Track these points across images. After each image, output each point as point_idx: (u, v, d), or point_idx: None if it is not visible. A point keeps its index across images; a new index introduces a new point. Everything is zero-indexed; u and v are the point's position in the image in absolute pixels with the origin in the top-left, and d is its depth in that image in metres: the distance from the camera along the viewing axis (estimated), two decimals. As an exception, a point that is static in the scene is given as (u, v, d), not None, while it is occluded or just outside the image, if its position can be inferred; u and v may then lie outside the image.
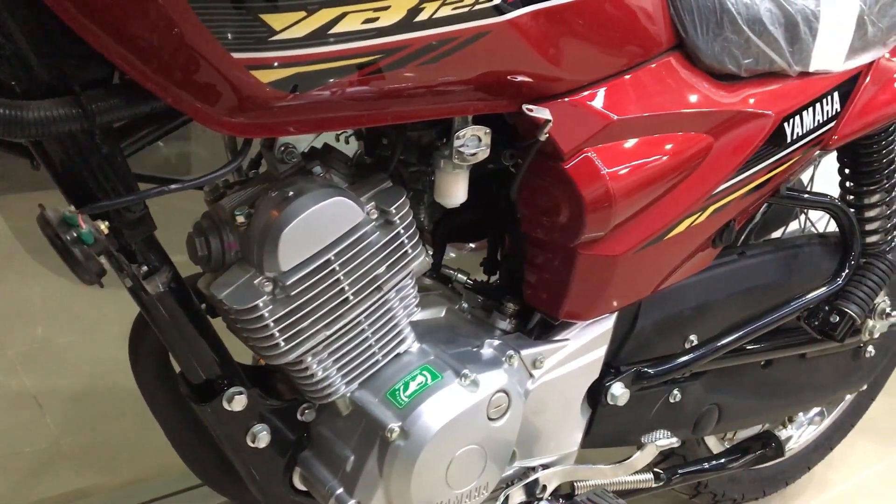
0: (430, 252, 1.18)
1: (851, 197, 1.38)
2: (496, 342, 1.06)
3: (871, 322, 1.45)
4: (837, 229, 1.39)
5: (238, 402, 0.95)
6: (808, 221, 1.55)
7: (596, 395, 1.16)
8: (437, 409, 0.96)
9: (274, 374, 1.04)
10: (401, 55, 0.80)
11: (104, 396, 1.94)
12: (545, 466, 1.14)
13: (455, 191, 0.97)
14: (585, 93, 0.96)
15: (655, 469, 1.26)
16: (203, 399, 0.95)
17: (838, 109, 1.20)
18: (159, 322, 0.90)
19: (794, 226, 1.56)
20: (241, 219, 0.88)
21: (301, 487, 1.05)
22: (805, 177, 1.55)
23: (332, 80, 0.77)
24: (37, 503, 1.59)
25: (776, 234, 1.55)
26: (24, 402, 1.92)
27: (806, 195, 1.34)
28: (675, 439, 1.15)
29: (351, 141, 1.09)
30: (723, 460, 1.35)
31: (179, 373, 0.98)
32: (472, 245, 1.47)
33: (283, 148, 0.90)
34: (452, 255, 1.28)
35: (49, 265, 2.41)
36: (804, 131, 1.15)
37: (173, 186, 0.78)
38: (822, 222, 1.57)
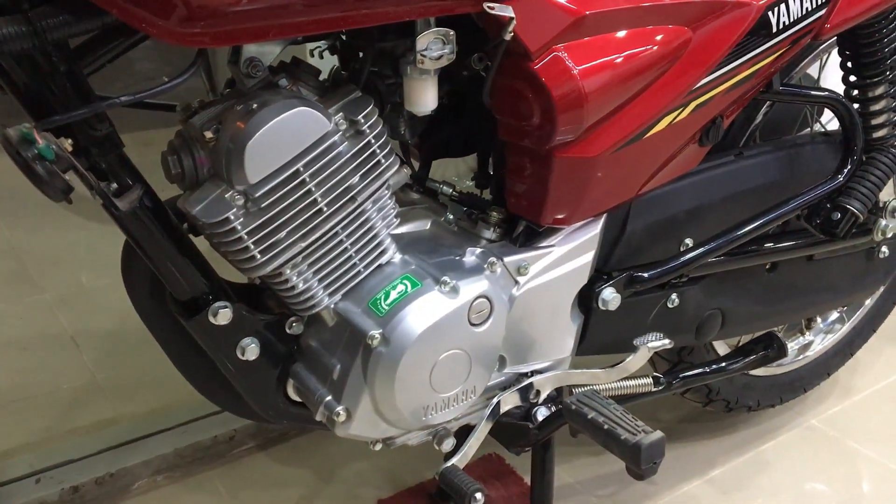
0: (413, 167, 1.19)
1: (856, 91, 1.33)
2: (478, 250, 1.07)
3: (882, 221, 1.41)
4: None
5: (223, 315, 0.97)
6: (817, 123, 1.50)
7: (587, 300, 1.16)
8: (417, 316, 0.98)
9: (263, 290, 1.07)
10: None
11: (137, 334, 1.98)
12: (538, 372, 1.16)
13: (424, 98, 0.97)
14: (551, -13, 0.94)
15: (654, 374, 1.26)
16: (190, 315, 0.98)
17: (829, -5, 1.15)
18: (139, 240, 0.92)
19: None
20: (209, 135, 0.89)
21: (295, 398, 1.08)
22: (815, 73, 1.50)
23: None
24: (72, 431, 1.67)
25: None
26: (62, 343, 2.00)
27: (802, 90, 1.30)
28: (666, 340, 1.15)
29: (326, 56, 1.09)
30: (723, 364, 1.34)
31: (168, 291, 1.01)
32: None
33: (248, 62, 0.91)
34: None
35: (82, 213, 2.49)
36: (791, 20, 1.11)
37: (123, 98, 0.79)
38: (834, 124, 1.52)
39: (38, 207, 2.54)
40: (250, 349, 1.00)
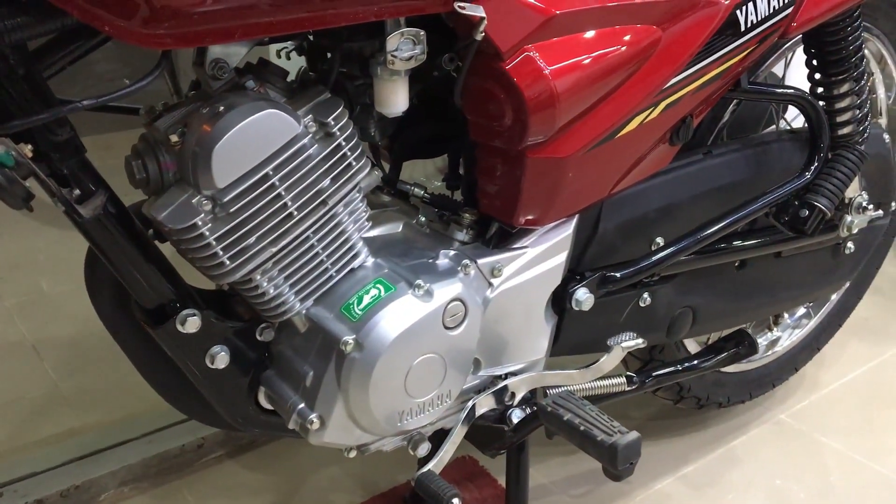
0: (383, 170, 1.17)
1: (821, 89, 1.34)
2: (452, 253, 1.06)
3: (848, 217, 1.43)
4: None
5: (191, 323, 0.95)
6: (782, 120, 1.52)
7: (561, 301, 1.15)
8: (391, 320, 0.96)
9: (232, 297, 1.05)
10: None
11: (100, 342, 1.96)
12: (513, 374, 1.15)
13: (394, 99, 0.96)
14: (522, -13, 0.93)
15: (628, 373, 1.26)
16: (157, 323, 0.95)
17: (796, -6, 1.16)
18: (102, 247, 0.90)
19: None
20: (174, 138, 0.87)
21: (267, 406, 1.06)
22: (779, 72, 1.51)
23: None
24: (35, 443, 1.63)
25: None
26: (22, 351, 1.95)
27: (769, 88, 1.31)
28: (640, 340, 1.15)
29: (293, 57, 1.07)
30: (696, 361, 1.35)
31: (133, 299, 0.98)
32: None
33: (214, 64, 0.89)
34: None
35: (40, 219, 2.43)
36: (759, 18, 1.12)
37: (86, 102, 0.76)
38: (799, 122, 1.54)
39: (-5, 213, 2.50)
40: (220, 357, 0.98)
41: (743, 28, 1.10)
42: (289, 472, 1.60)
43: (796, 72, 1.49)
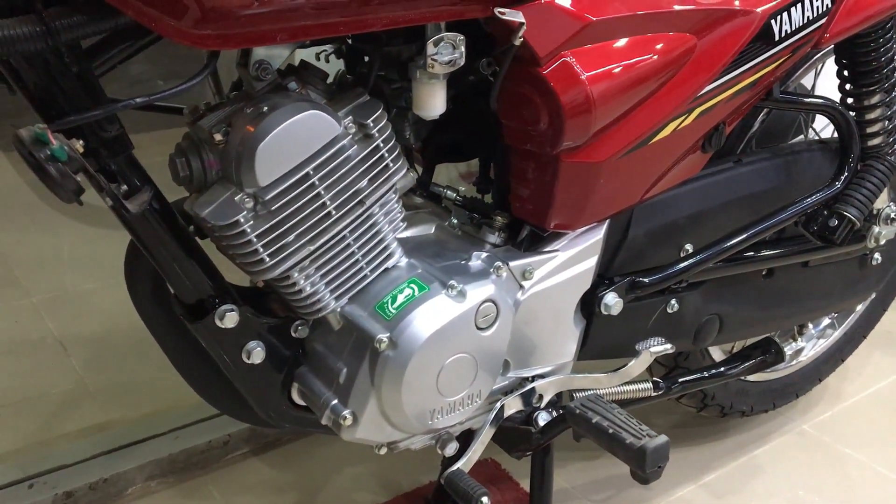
0: (418, 171, 1.19)
1: (851, 100, 1.35)
2: (484, 255, 1.07)
3: (876, 228, 1.43)
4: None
5: (230, 318, 0.97)
6: (811, 130, 1.52)
7: (590, 305, 1.16)
8: (425, 319, 0.98)
9: (267, 294, 1.06)
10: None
11: (126, 338, 1.99)
12: (541, 377, 1.16)
13: (432, 102, 0.97)
14: (560, -7, 0.95)
15: (654, 379, 1.26)
16: (196, 318, 0.97)
17: (829, 5, 1.16)
18: (146, 242, 0.92)
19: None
20: (218, 137, 0.89)
21: (300, 402, 1.08)
22: (808, 84, 1.51)
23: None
24: (64, 436, 1.65)
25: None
26: (50, 347, 1.98)
27: (801, 98, 1.31)
28: (668, 345, 1.16)
29: (332, 60, 1.09)
30: (722, 368, 1.35)
31: (173, 294, 1.00)
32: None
33: (257, 65, 0.91)
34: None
35: (70, 213, 2.47)
36: (793, 29, 1.12)
37: (139, 99, 0.78)
38: (828, 132, 1.54)
39: (22, 210, 2.53)
40: (256, 352, 1.00)
41: (777, 38, 1.11)
42: (313, 470, 1.62)
43: (823, 83, 1.50)
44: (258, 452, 1.66)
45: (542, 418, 1.17)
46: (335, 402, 1.01)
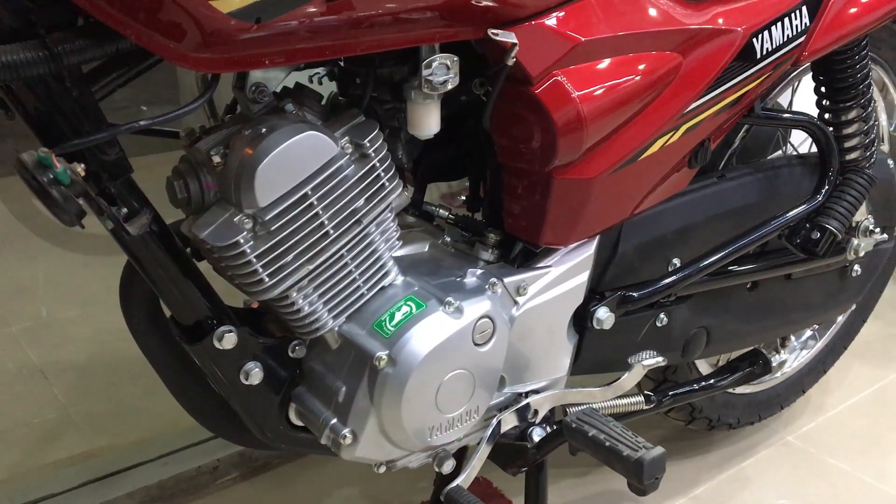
0: (412, 190, 1.20)
1: (829, 115, 1.39)
2: (479, 271, 1.08)
3: (855, 240, 1.47)
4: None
5: (228, 340, 0.97)
6: (789, 145, 1.56)
7: (582, 320, 1.18)
8: (423, 336, 0.99)
9: (263, 315, 1.07)
10: (364, -19, 0.81)
11: (109, 365, 1.98)
12: (535, 392, 1.17)
13: (427, 122, 0.99)
14: (551, 15, 0.97)
15: (646, 392, 1.28)
16: (194, 339, 0.97)
17: (807, 24, 1.20)
18: (145, 264, 0.92)
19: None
20: (217, 159, 0.90)
21: (298, 423, 1.07)
22: (785, 101, 1.55)
23: (295, 10, 0.78)
24: (50, 465, 1.63)
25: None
26: (30, 376, 1.95)
27: (781, 114, 1.35)
28: (660, 358, 1.17)
29: (325, 82, 1.10)
30: (712, 381, 1.37)
31: (170, 316, 1.00)
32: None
33: (254, 87, 0.92)
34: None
35: (56, 240, 2.45)
36: (774, 46, 1.16)
37: (142, 122, 0.79)
38: (804, 148, 1.58)
39: (1, 239, 2.50)
40: (254, 373, 1.00)
41: (759, 55, 1.14)
42: (303, 493, 1.61)
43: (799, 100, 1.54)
44: (248, 476, 1.65)
45: (537, 434, 1.17)
46: (334, 421, 1.01)
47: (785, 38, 1.17)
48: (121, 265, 1.01)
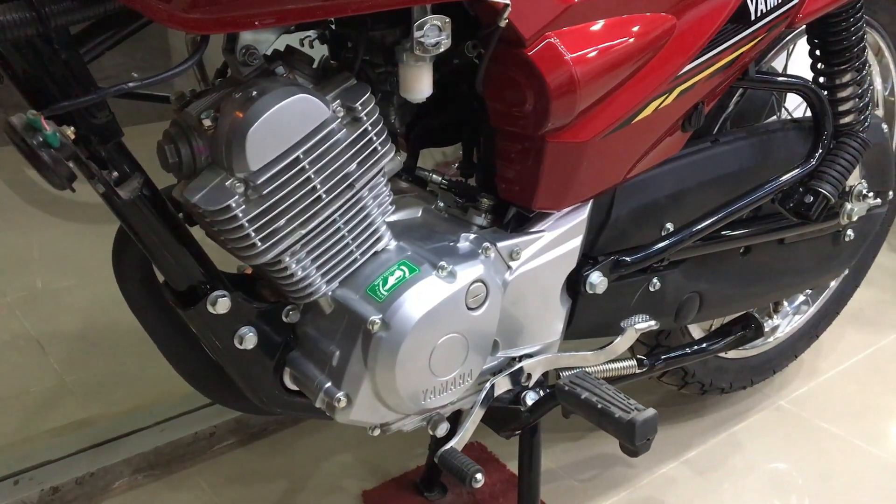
0: (405, 155, 1.19)
1: (823, 79, 1.38)
2: (472, 236, 1.08)
3: (848, 205, 1.47)
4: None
5: (222, 304, 0.97)
6: (783, 110, 1.55)
7: (575, 285, 1.18)
8: (416, 300, 0.99)
9: (257, 280, 1.07)
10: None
11: (104, 334, 1.99)
12: (529, 356, 1.17)
13: (419, 85, 0.98)
14: (544, -25, 0.96)
15: (638, 356, 1.29)
16: (188, 304, 0.97)
17: (802, -15, 1.19)
18: (137, 229, 0.92)
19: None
20: (207, 122, 0.89)
21: (292, 387, 1.08)
22: (779, 66, 1.54)
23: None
24: (48, 432, 1.64)
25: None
26: (27, 346, 1.96)
27: (775, 77, 1.34)
28: (653, 322, 1.18)
29: (316, 46, 1.10)
30: (704, 344, 1.38)
31: (163, 281, 1.00)
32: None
33: (244, 50, 0.91)
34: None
35: (50, 209, 2.45)
36: (768, 8, 1.15)
37: (131, 84, 0.78)
38: (799, 113, 1.57)
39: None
40: (248, 338, 1.00)
41: (753, 17, 1.14)
42: (300, 459, 1.62)
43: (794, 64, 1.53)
44: (245, 443, 1.66)
45: (531, 397, 1.18)
46: (329, 384, 1.02)
47: (779, 0, 1.16)
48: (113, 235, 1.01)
